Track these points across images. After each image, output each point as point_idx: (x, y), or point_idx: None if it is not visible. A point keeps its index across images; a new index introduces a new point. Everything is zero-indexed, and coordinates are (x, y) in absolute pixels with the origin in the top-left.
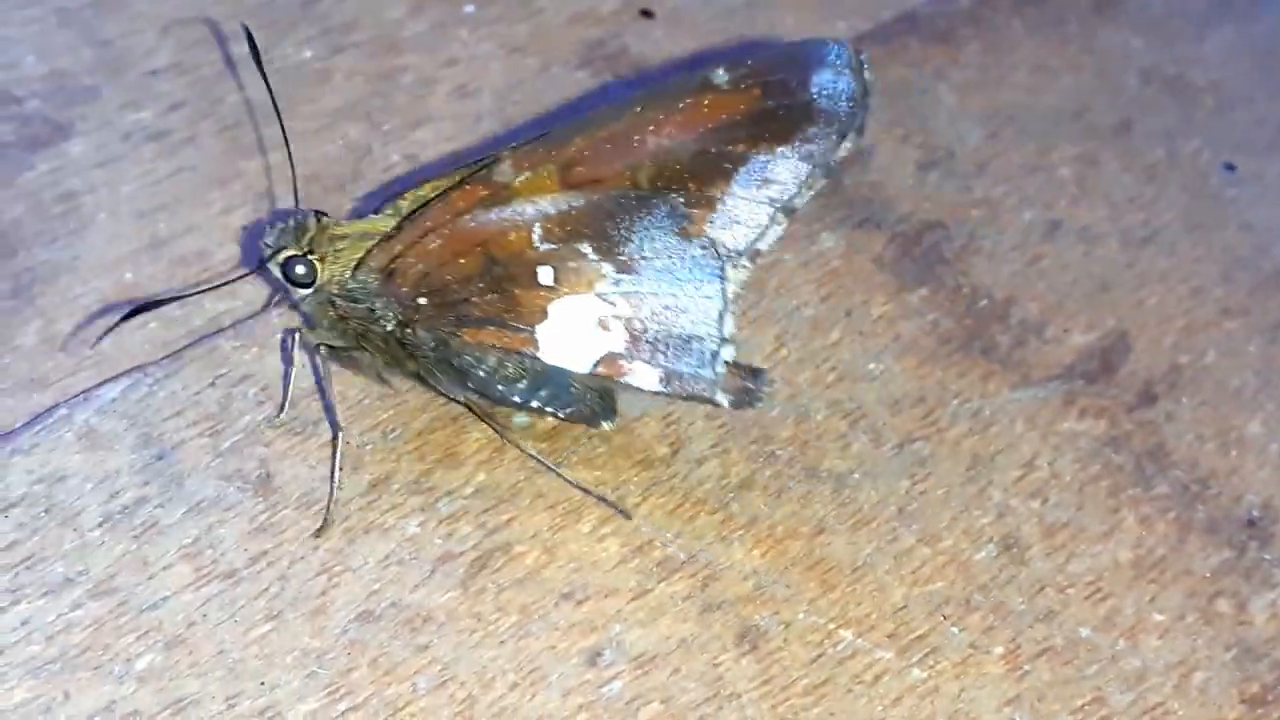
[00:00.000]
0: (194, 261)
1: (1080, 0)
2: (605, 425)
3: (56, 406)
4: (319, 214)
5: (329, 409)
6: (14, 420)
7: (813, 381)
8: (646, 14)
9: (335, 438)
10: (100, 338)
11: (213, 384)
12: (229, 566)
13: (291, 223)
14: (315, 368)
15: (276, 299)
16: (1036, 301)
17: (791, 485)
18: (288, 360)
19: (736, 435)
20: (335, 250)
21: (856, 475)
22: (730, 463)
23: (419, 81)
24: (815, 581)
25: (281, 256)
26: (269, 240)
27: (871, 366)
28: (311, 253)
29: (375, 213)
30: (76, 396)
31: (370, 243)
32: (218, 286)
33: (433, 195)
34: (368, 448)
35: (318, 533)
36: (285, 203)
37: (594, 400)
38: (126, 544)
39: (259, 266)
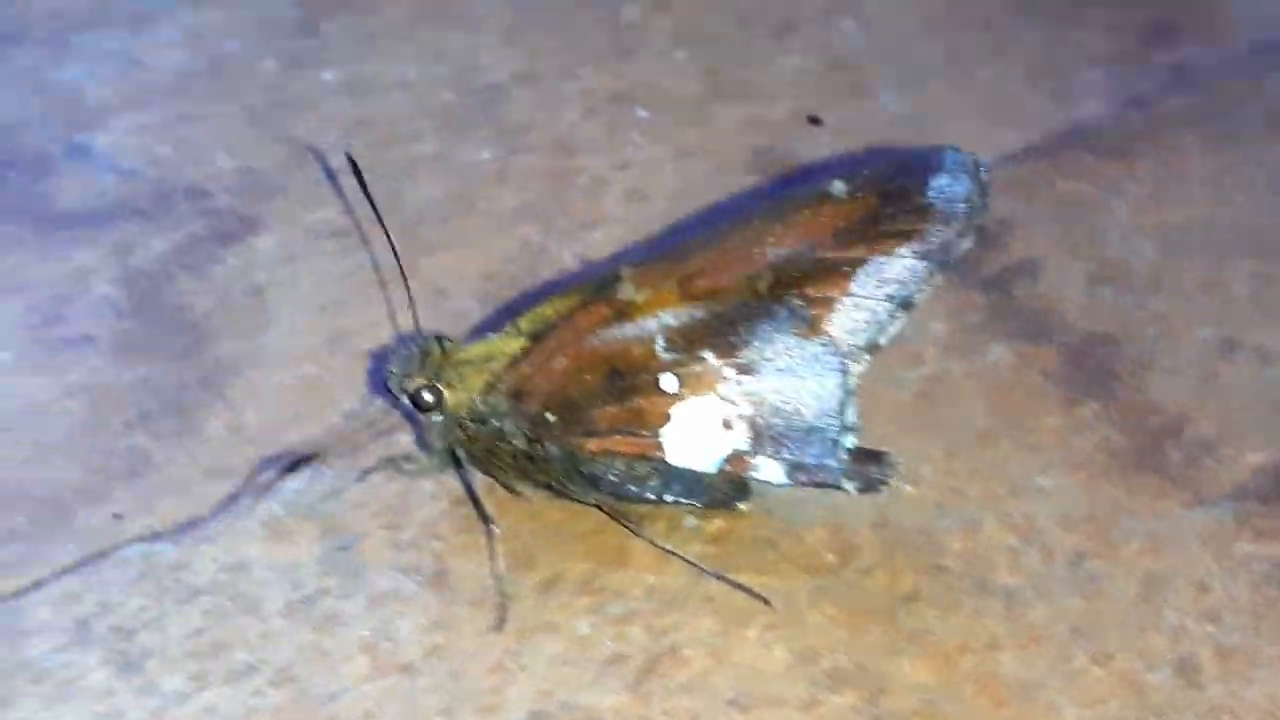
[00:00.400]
0: (373, 358)
1: (1252, 115)
2: (741, 506)
3: (242, 496)
4: (440, 339)
5: (478, 506)
6: (202, 509)
7: (982, 494)
8: (815, 121)
9: (490, 535)
10: (266, 489)
11: (392, 478)
12: (405, 660)
13: (416, 350)
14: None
15: None
16: (1210, 420)
17: (961, 599)
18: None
19: (905, 545)
20: (461, 375)
21: (1028, 591)
22: (899, 573)
23: (593, 183)
24: (986, 699)
25: (410, 386)
26: (394, 368)
27: (1041, 481)
28: (438, 379)
29: (494, 332)
30: (262, 487)
31: (494, 365)
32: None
33: (554, 316)
34: (538, 546)
35: (492, 629)
36: (456, 304)
37: (727, 486)
38: (307, 634)
39: (386, 394)
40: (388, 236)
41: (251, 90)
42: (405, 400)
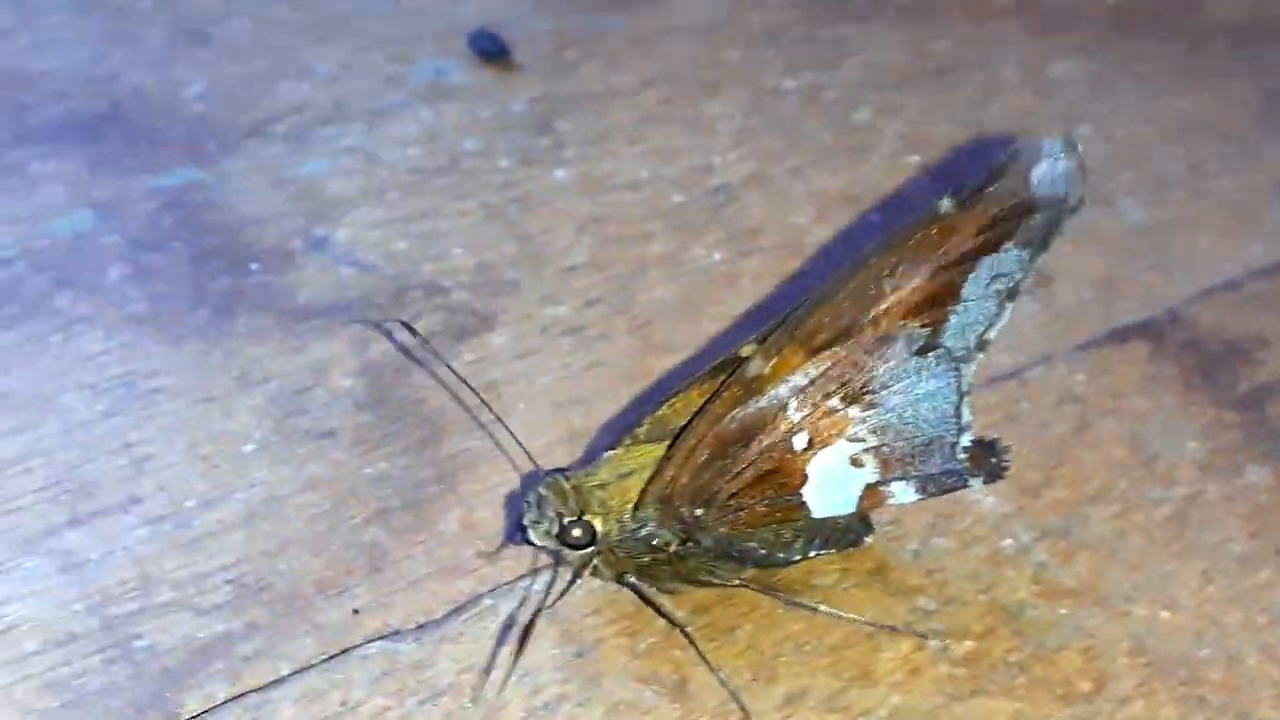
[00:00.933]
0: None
1: None
2: (868, 540)
3: (481, 596)
4: (562, 471)
5: (659, 611)
6: (438, 607)
7: (1243, 623)
8: None
9: (686, 633)
10: (514, 665)
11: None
12: None
13: (547, 493)
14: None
15: None
16: None
17: None
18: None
19: (1163, 675)
20: (601, 501)
21: None
22: (1157, 704)
23: None
24: None
25: (558, 529)
26: (533, 517)
27: None
28: (583, 513)
29: (609, 449)
30: (501, 587)
31: (631, 480)
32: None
33: (674, 415)
34: (781, 659)
35: None
36: None
37: (856, 525)
38: None
39: (544, 548)
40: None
41: (487, 187)
42: (553, 544)
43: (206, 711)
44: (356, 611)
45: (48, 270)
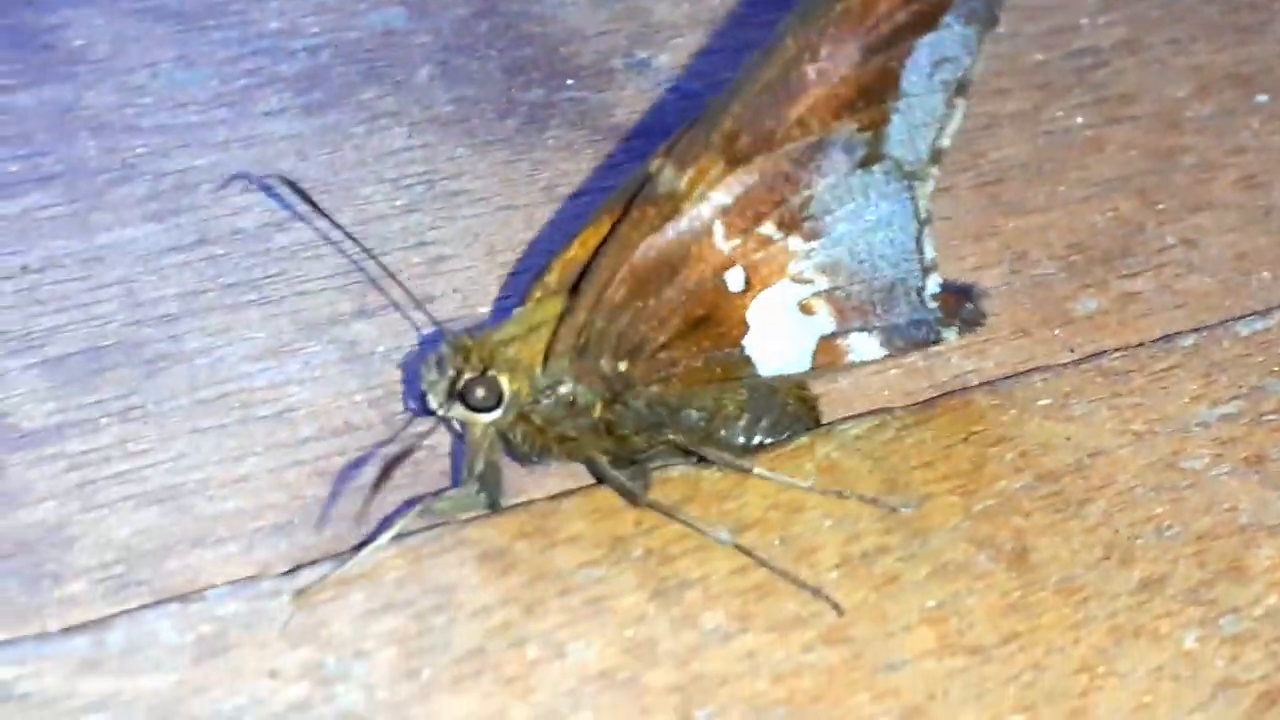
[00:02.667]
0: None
1: None
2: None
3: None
4: (467, 330)
5: (616, 486)
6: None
7: None
8: None
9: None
10: (370, 498)
11: (965, 440)
12: (976, 642)
13: (446, 350)
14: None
15: None
16: None
17: None
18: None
19: None
20: (508, 358)
21: None
22: None
23: (1200, 165)
24: None
25: (459, 385)
26: (431, 378)
27: None
28: (487, 370)
29: (520, 304)
30: (819, 428)
31: (543, 331)
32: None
33: (585, 252)
34: (1138, 541)
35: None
36: (1039, 271)
37: (805, 414)
38: (865, 593)
39: (429, 412)
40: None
41: None
42: (455, 408)
43: (482, 515)
44: None
45: (356, 62)
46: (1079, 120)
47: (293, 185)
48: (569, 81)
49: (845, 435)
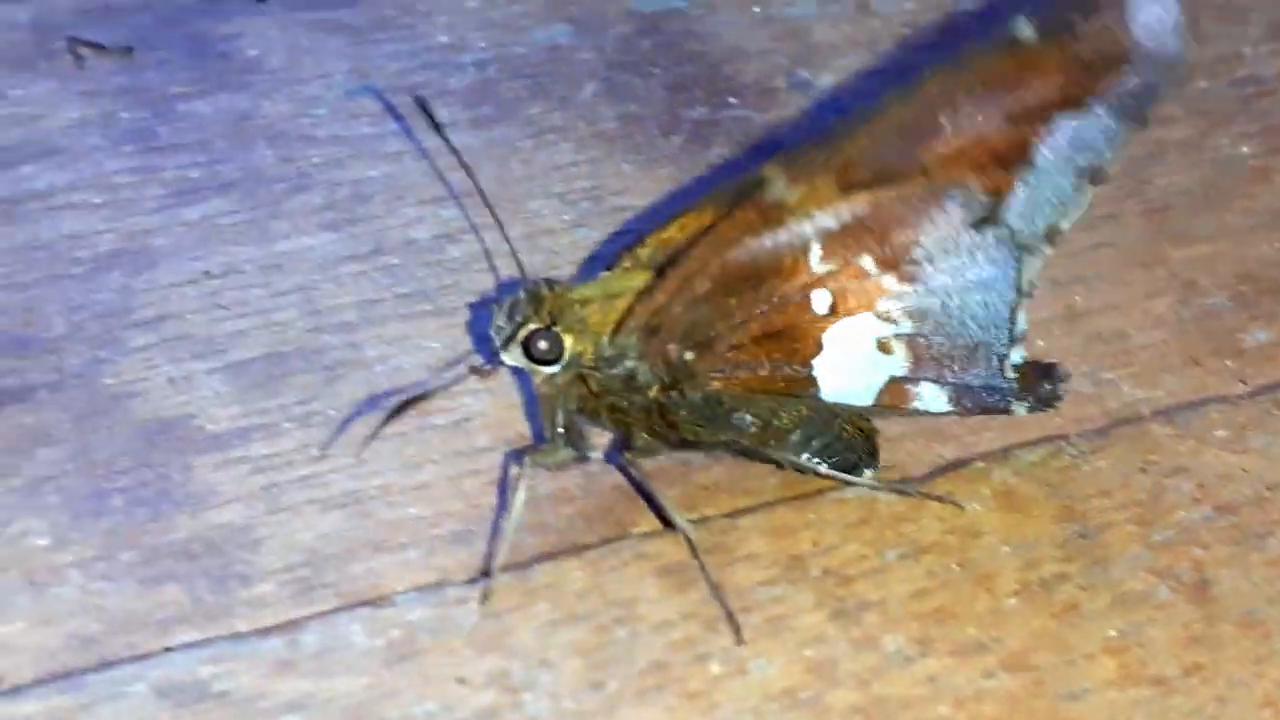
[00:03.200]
0: (1111, 340)
1: None
2: (868, 473)
3: (973, 460)
4: (549, 282)
5: (652, 504)
6: (920, 469)
7: None
8: None
9: (689, 542)
10: (369, 438)
11: (1143, 469)
12: (1159, 673)
13: (523, 295)
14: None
15: None
16: None
17: None
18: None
19: None
20: (580, 318)
21: None
22: None
23: None
24: None
25: (523, 333)
26: (500, 322)
27: None
28: (555, 324)
29: (609, 269)
30: (995, 452)
31: (619, 301)
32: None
33: (683, 237)
34: None
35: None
36: (1208, 301)
37: (860, 445)
38: (1044, 620)
39: (493, 358)
40: (476, 184)
41: None
42: (516, 355)
43: (654, 533)
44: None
45: (522, 77)
46: (1244, 150)
47: (422, 104)
48: (731, 100)
49: (1020, 461)
